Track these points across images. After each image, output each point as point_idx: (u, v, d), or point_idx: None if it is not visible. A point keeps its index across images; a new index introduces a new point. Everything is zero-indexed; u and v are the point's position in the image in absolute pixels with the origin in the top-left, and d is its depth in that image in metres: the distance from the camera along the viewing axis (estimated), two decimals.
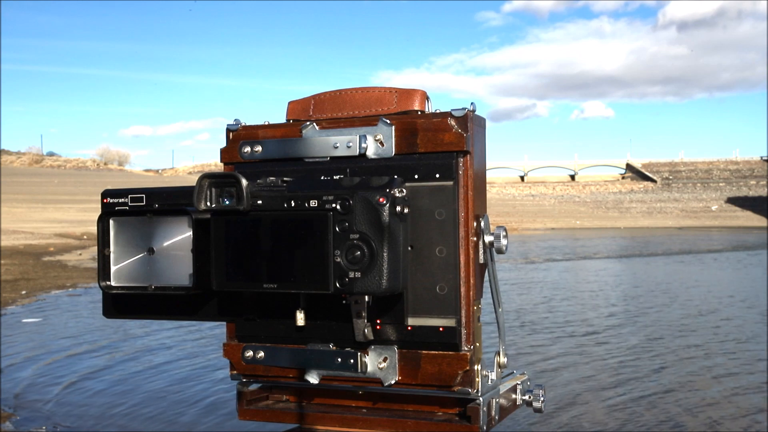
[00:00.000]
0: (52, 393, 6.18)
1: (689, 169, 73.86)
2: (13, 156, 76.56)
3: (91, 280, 13.53)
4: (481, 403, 1.07)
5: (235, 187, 1.02)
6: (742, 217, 55.84)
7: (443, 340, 1.06)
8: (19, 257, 18.12)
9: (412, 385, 1.08)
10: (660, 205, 62.86)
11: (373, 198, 0.98)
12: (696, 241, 31.27)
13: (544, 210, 58.73)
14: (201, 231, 1.07)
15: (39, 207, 37.75)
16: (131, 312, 1.18)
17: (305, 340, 1.13)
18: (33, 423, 5.36)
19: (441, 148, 1.07)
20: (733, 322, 10.16)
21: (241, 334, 1.17)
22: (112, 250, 1.12)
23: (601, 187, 71.43)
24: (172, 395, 6.11)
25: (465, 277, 1.06)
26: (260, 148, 1.16)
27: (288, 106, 1.20)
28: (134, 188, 1.13)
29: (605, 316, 10.72)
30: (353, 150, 1.11)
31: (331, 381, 1.12)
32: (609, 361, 7.64)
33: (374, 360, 1.09)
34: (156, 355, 7.66)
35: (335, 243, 0.98)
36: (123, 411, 5.69)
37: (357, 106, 1.15)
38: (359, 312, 1.07)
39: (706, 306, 11.77)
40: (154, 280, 1.11)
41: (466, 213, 1.06)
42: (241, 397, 1.20)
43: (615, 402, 6.09)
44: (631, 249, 26.62)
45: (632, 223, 51.85)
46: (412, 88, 1.13)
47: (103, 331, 8.87)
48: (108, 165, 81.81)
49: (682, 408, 5.91)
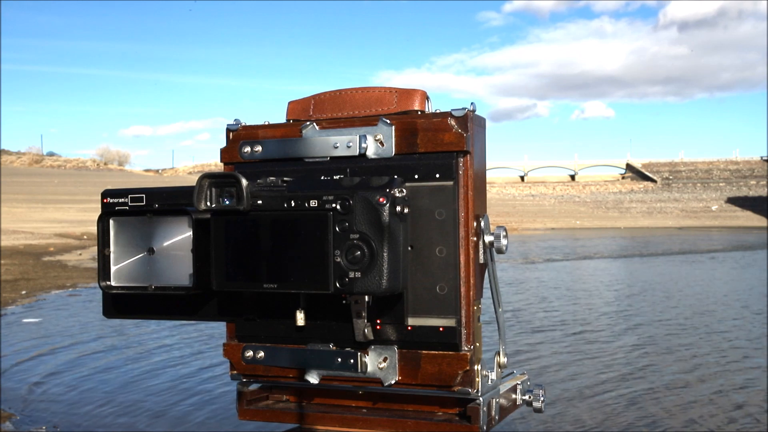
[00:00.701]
0: (52, 393, 6.18)
1: (689, 169, 73.83)
2: (13, 156, 76.50)
3: (91, 280, 13.51)
4: (481, 403, 1.07)
5: (235, 187, 1.02)
6: (742, 217, 55.80)
7: (443, 340, 1.06)
8: (19, 257, 18.10)
9: (412, 385, 1.08)
10: (660, 205, 62.82)
11: (373, 198, 0.98)
12: (696, 241, 31.24)
13: (544, 210, 58.69)
14: (201, 231, 1.07)
15: (39, 207, 37.72)
16: (131, 312, 1.18)
17: (305, 340, 1.13)
18: (33, 423, 5.36)
19: (441, 148, 1.07)
20: (731, 321, 10.15)
21: (241, 334, 1.17)
22: (112, 250, 1.12)
23: (601, 187, 71.39)
24: (172, 395, 6.11)
25: (465, 277, 1.06)
26: (260, 148, 1.16)
27: (288, 106, 1.19)
28: (134, 188, 1.13)
29: (605, 316, 10.71)
30: (353, 150, 1.10)
31: (331, 381, 1.12)
32: (603, 359, 7.64)
33: (374, 360, 1.09)
34: (156, 355, 7.66)
35: (335, 243, 0.98)
36: (123, 411, 5.69)
37: (357, 106, 1.15)
38: (359, 312, 1.07)
39: (706, 306, 11.77)
40: (154, 280, 1.11)
41: (466, 213, 1.06)
42: (241, 397, 1.20)
43: (605, 400, 6.09)
44: (631, 249, 26.59)
45: (632, 223, 51.81)
46: (412, 88, 1.13)
47: (103, 331, 8.87)
48: (108, 165, 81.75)
49: (661, 407, 5.91)
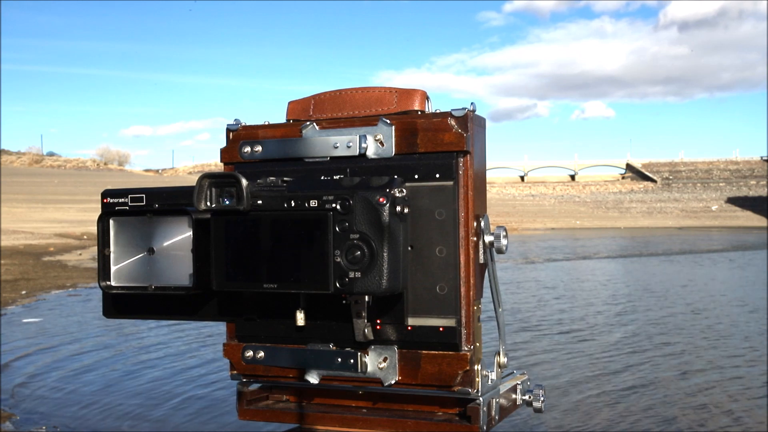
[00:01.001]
0: (52, 393, 6.18)
1: (689, 169, 73.80)
2: (13, 156, 76.48)
3: (91, 280, 13.51)
4: (481, 403, 1.07)
5: (235, 187, 1.02)
6: (742, 217, 55.79)
7: (443, 340, 1.06)
8: (19, 257, 18.10)
9: (412, 385, 1.08)
10: (660, 205, 62.79)
11: (373, 198, 0.97)
12: (696, 241, 31.23)
13: (544, 210, 58.67)
14: (201, 231, 1.07)
15: (39, 207, 37.70)
16: (131, 312, 1.18)
17: (305, 340, 1.13)
18: (33, 423, 5.36)
19: (441, 148, 1.07)
20: (731, 322, 10.16)
21: (241, 334, 1.17)
22: (112, 250, 1.12)
23: (601, 187, 71.36)
24: (172, 395, 6.11)
25: (465, 277, 1.06)
26: (260, 148, 1.16)
27: (288, 106, 1.19)
28: (134, 188, 1.13)
29: (602, 315, 10.71)
30: (353, 150, 1.10)
31: (331, 381, 1.12)
32: (603, 359, 7.63)
33: (374, 360, 1.09)
34: (156, 355, 7.66)
35: (335, 243, 0.98)
36: (123, 411, 5.69)
37: (357, 106, 1.15)
38: (359, 312, 1.07)
39: (706, 305, 11.77)
40: (154, 280, 1.11)
41: (466, 213, 1.06)
42: (241, 397, 1.20)
43: (605, 400, 6.09)
44: (631, 249, 26.58)
45: (632, 223, 51.79)
46: (412, 88, 1.13)
47: (103, 331, 8.87)
48: (108, 165, 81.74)
49: (661, 407, 5.91)
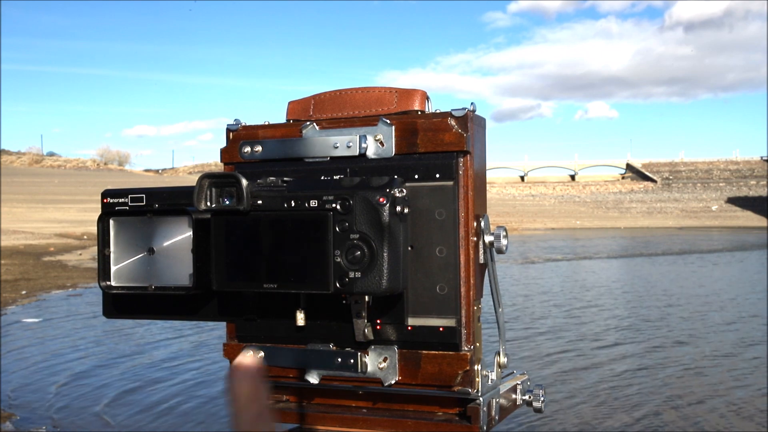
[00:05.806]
0: (51, 393, 6.18)
1: (689, 169, 73.82)
2: (13, 156, 76.52)
3: (91, 280, 13.52)
4: (481, 403, 1.07)
5: (236, 187, 1.02)
6: (742, 217, 55.80)
7: (443, 340, 1.06)
8: (19, 257, 18.10)
9: (412, 385, 1.08)
10: (660, 205, 62.81)
11: (373, 198, 0.97)
12: (696, 241, 31.23)
13: (544, 210, 58.68)
14: (201, 231, 1.07)
15: (39, 207, 37.72)
16: (131, 312, 1.18)
17: (305, 340, 1.13)
18: (33, 423, 5.36)
19: (441, 148, 1.07)
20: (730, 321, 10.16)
21: (241, 335, 1.17)
22: (112, 250, 1.12)
23: (601, 187, 71.38)
24: (172, 395, 6.11)
25: (465, 277, 1.06)
26: (260, 148, 1.16)
27: (288, 106, 1.19)
28: (134, 188, 1.13)
29: (602, 315, 10.71)
30: (353, 150, 1.10)
31: (331, 381, 1.12)
32: (603, 359, 7.63)
33: (374, 360, 1.09)
34: (155, 355, 7.66)
35: (335, 243, 0.98)
36: (122, 410, 5.69)
37: (357, 106, 1.15)
38: (359, 312, 1.07)
39: (706, 305, 11.77)
40: (154, 280, 1.11)
41: (466, 213, 1.06)
42: None
43: (604, 400, 6.09)
44: (631, 249, 26.59)
45: (632, 223, 51.80)
46: (412, 88, 1.13)
47: (103, 331, 8.86)
48: (108, 165, 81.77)
49: (661, 407, 5.91)
